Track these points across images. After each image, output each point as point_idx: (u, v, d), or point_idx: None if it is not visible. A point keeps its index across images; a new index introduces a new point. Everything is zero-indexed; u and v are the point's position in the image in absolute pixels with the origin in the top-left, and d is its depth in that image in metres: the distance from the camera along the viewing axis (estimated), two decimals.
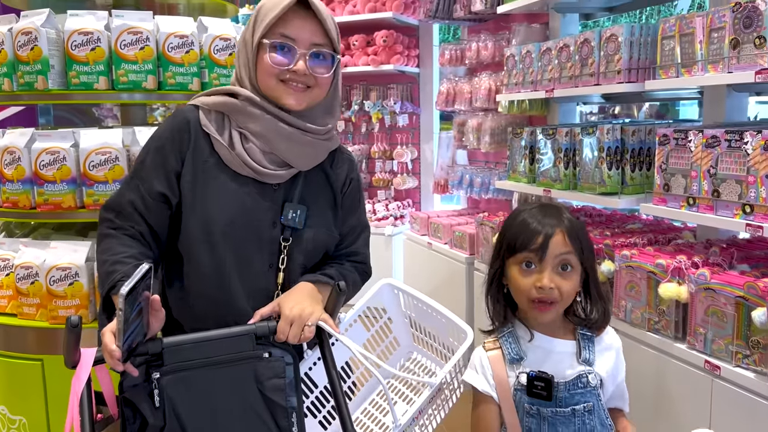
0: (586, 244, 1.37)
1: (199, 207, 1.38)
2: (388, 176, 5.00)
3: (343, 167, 1.53)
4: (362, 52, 4.70)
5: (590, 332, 1.39)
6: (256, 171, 1.39)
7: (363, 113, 4.95)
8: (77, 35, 1.88)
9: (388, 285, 1.64)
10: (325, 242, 1.48)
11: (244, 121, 1.40)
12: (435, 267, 4.04)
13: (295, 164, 1.42)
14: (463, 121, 4.21)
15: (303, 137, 1.41)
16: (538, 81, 3.15)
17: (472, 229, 3.70)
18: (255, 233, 1.40)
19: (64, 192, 1.89)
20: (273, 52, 1.37)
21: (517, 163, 3.32)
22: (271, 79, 1.39)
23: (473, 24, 4.24)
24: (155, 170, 1.39)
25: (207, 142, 1.41)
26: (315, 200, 1.47)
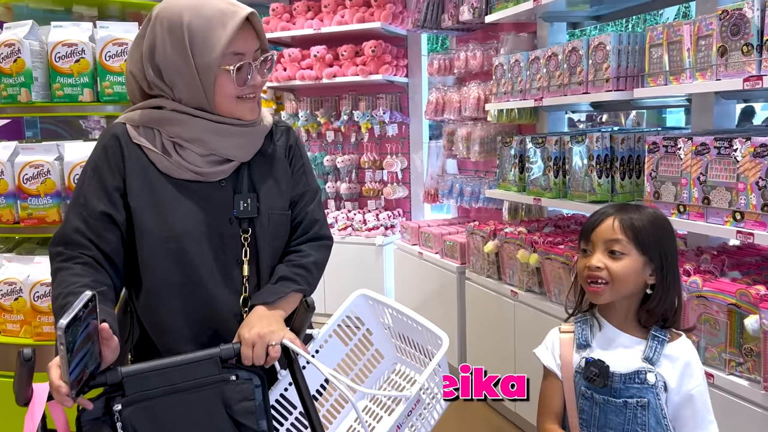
0: (651, 240, 1.39)
1: (152, 221, 1.35)
2: (378, 186, 4.98)
3: (282, 138, 1.53)
4: (351, 62, 4.69)
5: (663, 335, 1.40)
6: (198, 173, 1.38)
7: (352, 123, 4.94)
8: (61, 47, 1.85)
9: (362, 296, 1.61)
10: (279, 222, 1.47)
11: (174, 130, 1.37)
12: (426, 277, 4.02)
13: (236, 157, 1.42)
14: (453, 131, 4.20)
15: (237, 129, 1.41)
16: (527, 90, 3.15)
17: (463, 238, 3.69)
18: (215, 234, 1.38)
19: (49, 206, 1.86)
20: (236, 75, 1.35)
21: (507, 172, 3.31)
22: (231, 100, 1.38)
23: (461, 33, 4.25)
24: (95, 192, 1.35)
25: (141, 154, 1.38)
26: (264, 182, 1.46)
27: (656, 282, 1.40)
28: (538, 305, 2.90)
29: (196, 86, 1.35)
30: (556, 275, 2.79)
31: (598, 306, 1.46)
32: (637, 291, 1.41)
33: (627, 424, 1.37)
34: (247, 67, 1.36)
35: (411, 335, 1.58)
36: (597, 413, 1.39)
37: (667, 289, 1.40)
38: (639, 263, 1.38)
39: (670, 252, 1.41)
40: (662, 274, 1.39)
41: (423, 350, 1.55)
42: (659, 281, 1.40)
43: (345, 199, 5.17)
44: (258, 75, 1.39)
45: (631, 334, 1.42)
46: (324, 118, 5.03)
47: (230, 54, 1.34)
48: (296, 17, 4.89)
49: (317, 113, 5.05)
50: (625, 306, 1.42)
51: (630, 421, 1.37)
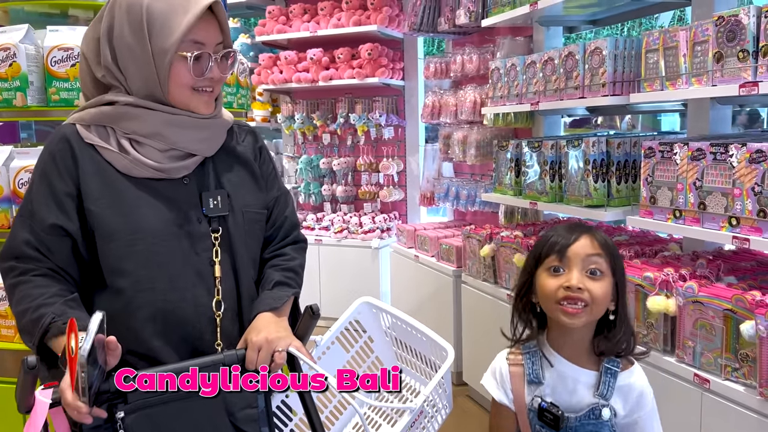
0: (619, 262, 1.35)
1: (116, 223, 1.27)
2: (374, 189, 4.98)
3: (248, 139, 1.49)
4: (347, 65, 4.69)
5: (615, 366, 1.34)
6: (159, 169, 1.30)
7: (348, 126, 4.94)
8: (57, 51, 1.85)
9: (366, 304, 1.61)
10: (255, 221, 1.42)
11: (129, 126, 1.30)
12: (422, 280, 4.02)
13: (198, 151, 1.35)
14: (449, 134, 4.21)
15: (196, 121, 1.34)
16: (523, 94, 3.15)
17: (459, 241, 3.69)
18: (184, 234, 1.31)
19: None
20: (193, 64, 1.29)
21: (503, 176, 3.31)
22: (186, 90, 1.32)
23: (458, 37, 4.25)
24: (44, 202, 1.27)
25: (95, 154, 1.30)
26: (232, 180, 1.40)
27: (616, 308, 1.34)
28: None
29: (150, 72, 1.28)
30: None
31: (546, 335, 1.40)
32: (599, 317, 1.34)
33: None
34: (206, 57, 1.30)
35: (414, 345, 1.57)
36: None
37: (625, 316, 1.35)
38: (611, 286, 1.32)
39: (624, 279, 1.36)
40: (620, 300, 1.34)
41: (426, 360, 1.55)
42: (619, 307, 1.34)
43: (341, 202, 5.17)
44: (217, 68, 1.33)
45: (583, 366, 1.36)
46: (320, 120, 5.02)
47: (189, 42, 1.28)
48: (292, 20, 4.89)
49: (313, 116, 5.05)
50: (583, 333, 1.35)
51: None
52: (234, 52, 1.37)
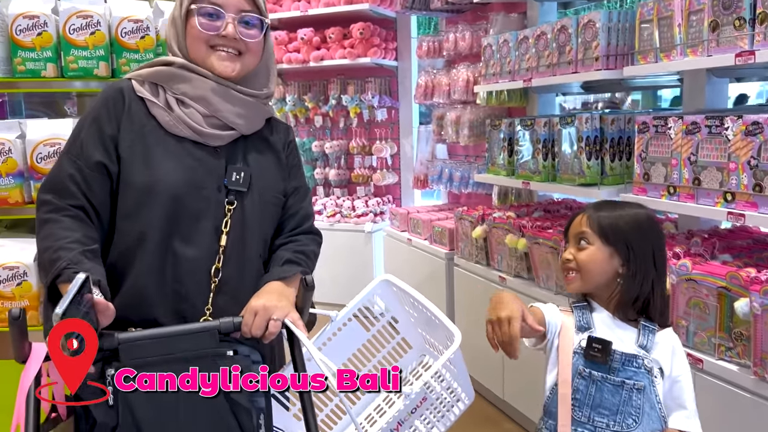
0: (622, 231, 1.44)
1: (140, 171, 1.34)
2: (367, 172, 4.91)
3: (281, 133, 1.55)
4: (339, 45, 4.60)
5: (652, 324, 1.44)
6: (197, 132, 1.38)
7: (341, 108, 4.86)
8: (22, 19, 1.77)
9: (386, 282, 1.53)
10: (271, 203, 1.47)
11: (179, 86, 1.39)
12: (415, 263, 3.96)
13: (236, 125, 1.42)
14: (442, 115, 4.12)
15: (242, 98, 1.42)
16: (516, 71, 3.07)
17: (452, 224, 3.62)
18: (201, 196, 1.37)
19: (11, 186, 1.78)
20: (201, 18, 1.37)
21: (496, 156, 3.24)
22: (201, 45, 1.39)
23: (451, 15, 4.16)
24: (92, 141, 1.34)
25: (143, 108, 1.39)
26: (258, 162, 1.46)
27: (624, 272, 1.45)
28: (526, 290, 2.84)
29: (175, 32, 1.41)
30: (545, 260, 2.73)
31: (588, 297, 1.52)
32: (609, 280, 1.45)
33: (622, 405, 1.39)
34: (219, 15, 1.37)
35: (430, 327, 1.51)
36: (593, 392, 1.41)
37: (633, 278, 1.44)
38: (604, 253, 1.44)
39: (640, 245, 1.45)
40: (629, 264, 1.44)
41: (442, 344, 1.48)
42: (626, 271, 1.45)
43: (334, 186, 5.09)
44: (233, 28, 1.38)
45: (625, 323, 1.46)
46: (312, 102, 4.94)
47: (206, 2, 1.37)
48: (282, 0, 4.79)
49: (305, 98, 4.97)
50: (605, 296, 1.47)
51: (624, 402, 1.39)
52: (261, 20, 1.42)
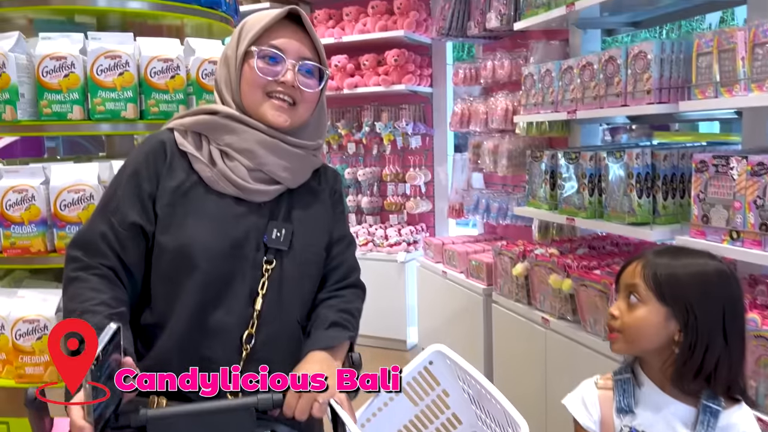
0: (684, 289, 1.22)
1: (175, 234, 1.26)
2: (400, 200, 4.79)
3: (329, 181, 1.47)
4: (373, 72, 4.52)
5: (717, 404, 1.21)
6: (241, 188, 1.30)
7: (374, 135, 4.76)
8: (49, 60, 1.70)
9: (439, 353, 1.40)
10: (313, 261, 1.38)
11: (224, 137, 1.31)
12: (451, 298, 3.81)
13: (283, 180, 1.33)
14: (479, 143, 4.00)
15: (291, 150, 1.34)
16: (559, 101, 2.93)
17: (490, 257, 3.48)
18: (238, 256, 1.28)
19: (33, 235, 1.70)
20: (261, 62, 1.30)
21: (537, 189, 3.10)
22: (256, 91, 1.31)
23: (488, 41, 4.05)
24: (129, 199, 1.28)
25: (185, 162, 1.31)
26: (302, 217, 1.37)
27: (681, 340, 1.23)
28: (571, 335, 2.68)
29: (227, 75, 1.33)
30: (592, 304, 2.56)
31: (638, 360, 1.33)
32: (662, 347, 1.25)
33: None
34: (279, 60, 1.30)
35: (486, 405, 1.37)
36: None
37: (692, 348, 1.21)
38: (658, 314, 1.23)
39: (704, 308, 1.21)
40: (686, 331, 1.21)
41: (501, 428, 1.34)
42: (683, 339, 1.22)
43: (366, 213, 4.99)
44: (292, 75, 1.30)
45: (676, 398, 1.25)
46: (345, 129, 4.86)
47: (266, 44, 1.30)
48: (317, 26, 4.73)
49: (338, 125, 4.89)
50: (656, 364, 1.27)
51: None
52: (318, 69, 1.35)
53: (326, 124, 1.46)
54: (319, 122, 1.42)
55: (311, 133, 1.39)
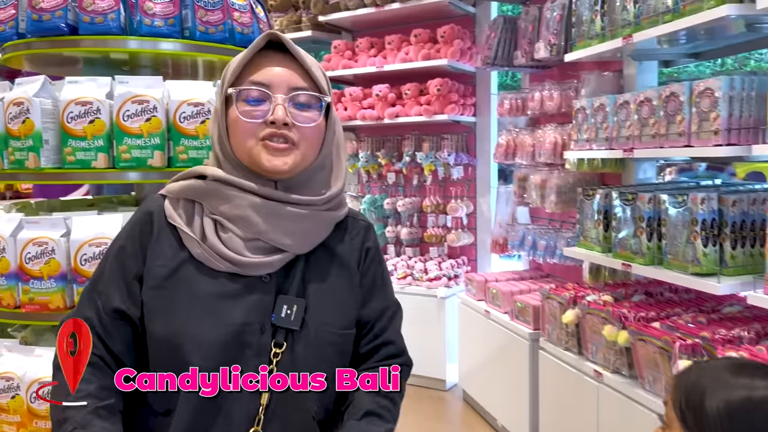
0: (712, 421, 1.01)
1: (162, 322, 1.12)
2: (441, 232, 4.63)
3: (358, 237, 1.26)
4: (414, 101, 4.39)
5: None
6: (236, 264, 1.12)
7: (415, 165, 4.62)
8: (74, 105, 1.61)
9: None
10: (333, 343, 1.17)
11: (215, 205, 1.14)
12: (494, 340, 3.62)
13: (287, 247, 1.14)
14: (525, 176, 3.82)
15: (293, 212, 1.14)
16: (614, 138, 2.75)
17: (537, 299, 3.28)
18: (238, 345, 1.11)
19: (52, 290, 1.60)
20: (243, 104, 1.12)
21: (589, 229, 2.90)
22: (246, 140, 1.12)
23: (535, 71, 3.89)
24: (114, 280, 1.15)
25: (174, 236, 1.16)
26: (319, 289, 1.18)
27: None
28: (627, 391, 2.47)
29: (217, 126, 1.16)
30: (651, 360, 2.35)
31: None
32: None
33: None
34: (265, 98, 1.11)
35: None
36: None
37: None
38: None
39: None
40: None
41: None
42: None
43: (405, 245, 4.84)
44: (283, 111, 1.11)
45: None
46: (385, 159, 4.73)
47: (248, 83, 1.12)
48: (359, 54, 4.64)
49: (378, 154, 4.77)
50: None
51: None
52: (316, 98, 1.15)
53: (344, 164, 1.24)
54: (331, 164, 1.21)
55: (324, 180, 1.20)
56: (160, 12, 1.68)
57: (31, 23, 1.65)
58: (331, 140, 1.19)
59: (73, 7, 1.67)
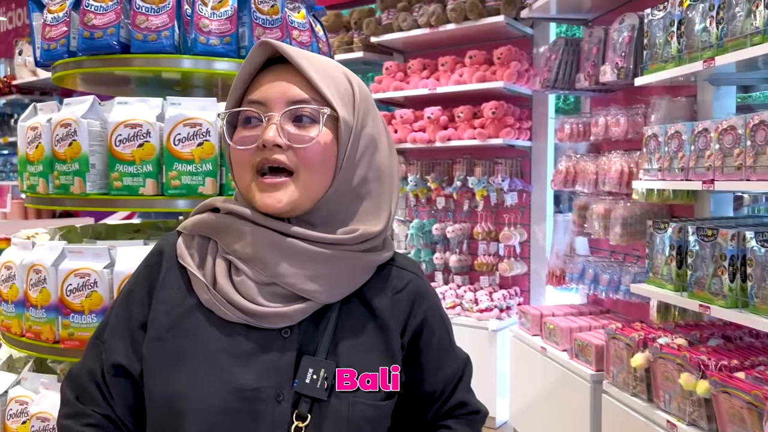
0: None
1: (162, 381, 0.94)
2: (492, 260, 4.44)
3: (404, 299, 1.03)
4: (468, 124, 4.24)
5: None
6: (250, 313, 0.93)
7: (466, 189, 4.46)
8: (123, 128, 1.50)
9: None
10: (368, 420, 0.96)
11: (230, 242, 0.97)
12: (551, 380, 3.40)
13: (311, 294, 0.94)
14: (585, 205, 3.62)
15: (317, 252, 0.94)
16: (692, 168, 2.54)
17: (600, 338, 3.07)
18: (249, 414, 0.91)
19: (93, 326, 1.49)
20: (240, 129, 0.98)
21: (660, 265, 2.69)
22: (243, 173, 0.97)
23: (597, 95, 3.70)
24: (118, 330, 1.01)
25: (184, 280, 1.00)
26: (353, 347, 0.98)
27: None
28: None
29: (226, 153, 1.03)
30: (736, 415, 2.12)
31: None
32: None
33: None
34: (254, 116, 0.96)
35: None
36: None
37: None
38: None
39: None
40: None
41: None
42: None
43: (454, 273, 4.65)
44: (273, 129, 0.92)
45: None
46: (435, 183, 4.58)
47: (247, 103, 0.98)
48: (411, 76, 4.52)
49: (428, 178, 4.62)
50: None
51: None
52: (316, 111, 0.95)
53: (391, 195, 1.03)
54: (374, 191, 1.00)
55: (358, 212, 0.98)
56: (216, 30, 1.58)
57: (82, 41, 1.56)
58: (352, 162, 0.97)
59: (126, 24, 1.58)
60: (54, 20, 1.66)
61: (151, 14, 1.52)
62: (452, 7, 4.15)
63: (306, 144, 0.93)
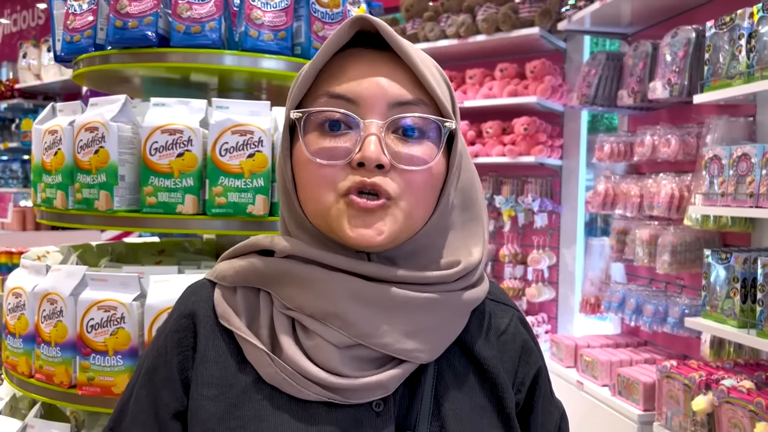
0: None
1: None
2: (518, 284, 4.21)
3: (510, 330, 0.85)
4: (496, 140, 4.03)
5: None
6: (334, 389, 0.72)
7: (491, 209, 4.24)
8: (160, 134, 1.27)
9: None
10: None
11: (292, 295, 0.74)
12: (589, 416, 3.15)
13: (409, 355, 0.74)
14: (625, 230, 3.40)
15: (416, 298, 0.73)
16: (762, 194, 2.32)
17: (647, 374, 2.84)
18: None
19: (118, 369, 1.23)
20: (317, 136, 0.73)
21: (720, 298, 2.47)
22: (322, 195, 0.73)
23: (638, 113, 3.50)
24: (140, 419, 0.77)
25: (230, 348, 0.76)
26: (459, 412, 0.77)
27: None
28: None
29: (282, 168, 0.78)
30: None
31: None
32: None
33: None
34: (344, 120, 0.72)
35: None
36: None
37: None
38: None
39: None
40: None
41: None
42: None
43: None
44: (375, 143, 0.70)
45: None
46: None
47: (323, 98, 0.74)
48: None
49: None
50: None
51: None
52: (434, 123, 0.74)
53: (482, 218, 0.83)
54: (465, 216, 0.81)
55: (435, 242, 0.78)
56: (269, 22, 1.35)
57: (114, 31, 1.33)
58: (452, 187, 0.78)
59: (165, 13, 1.35)
60: (78, 8, 1.43)
61: (196, 2, 1.29)
62: (484, 18, 3.95)
63: (419, 167, 0.72)
